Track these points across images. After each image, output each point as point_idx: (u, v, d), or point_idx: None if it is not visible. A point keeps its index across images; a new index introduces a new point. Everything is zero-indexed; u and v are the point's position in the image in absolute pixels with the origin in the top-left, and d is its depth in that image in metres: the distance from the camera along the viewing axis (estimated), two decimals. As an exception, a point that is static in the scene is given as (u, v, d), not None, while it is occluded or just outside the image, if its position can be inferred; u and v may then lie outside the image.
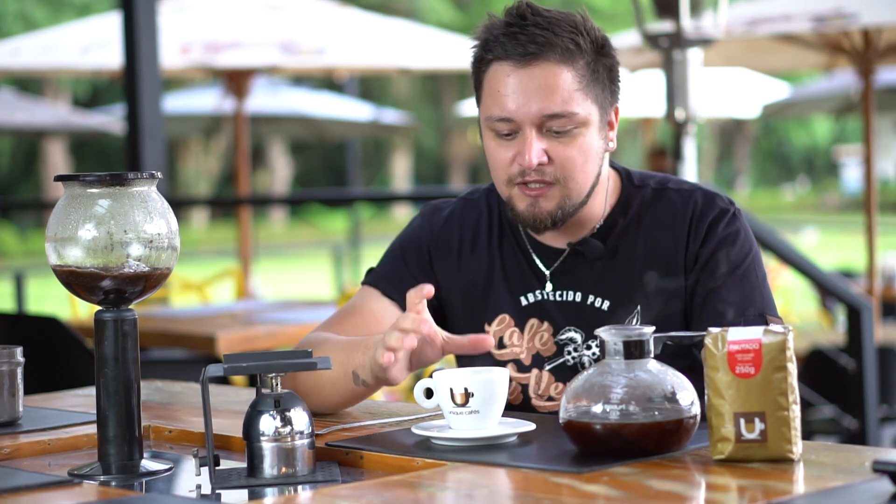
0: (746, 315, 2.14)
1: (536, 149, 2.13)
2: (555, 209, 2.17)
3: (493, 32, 2.16)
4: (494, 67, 2.16)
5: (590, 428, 1.77)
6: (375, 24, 8.22)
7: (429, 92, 31.33)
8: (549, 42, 2.12)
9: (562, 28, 2.13)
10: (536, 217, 2.17)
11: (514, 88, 2.13)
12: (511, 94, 2.13)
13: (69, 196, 1.91)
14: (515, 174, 2.16)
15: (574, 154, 2.15)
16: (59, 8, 22.94)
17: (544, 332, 2.25)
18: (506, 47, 2.13)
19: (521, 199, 2.17)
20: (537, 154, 2.13)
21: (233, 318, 5.04)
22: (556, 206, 2.17)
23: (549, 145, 2.14)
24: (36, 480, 1.82)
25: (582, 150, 2.15)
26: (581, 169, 2.16)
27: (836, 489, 1.61)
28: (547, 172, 2.15)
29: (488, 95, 2.17)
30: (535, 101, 2.12)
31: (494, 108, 2.15)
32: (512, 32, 2.13)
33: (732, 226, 2.21)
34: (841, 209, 32.17)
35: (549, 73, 2.12)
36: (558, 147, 2.14)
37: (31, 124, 12.12)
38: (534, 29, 2.13)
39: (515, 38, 2.13)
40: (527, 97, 2.13)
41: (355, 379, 2.10)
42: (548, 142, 2.14)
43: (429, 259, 2.33)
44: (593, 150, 2.17)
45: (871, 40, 6.23)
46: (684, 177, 4.54)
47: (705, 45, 4.59)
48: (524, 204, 2.17)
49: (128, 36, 5.29)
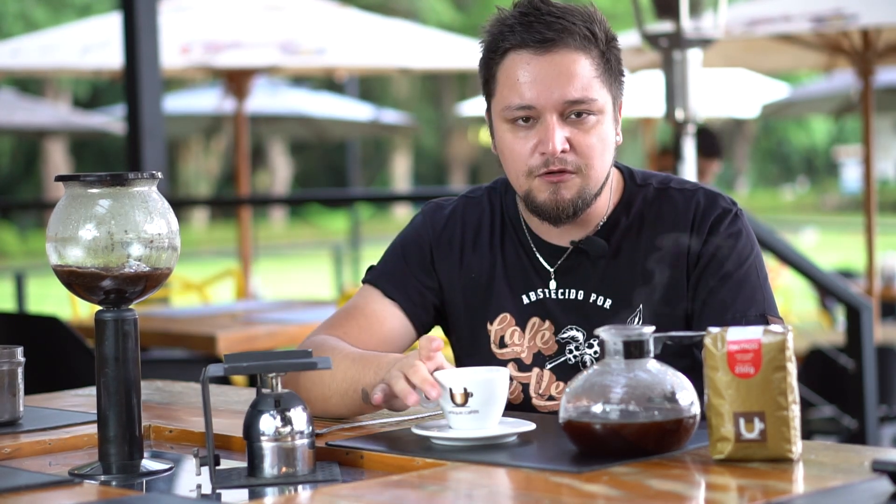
0: (748, 315, 2.15)
1: (560, 136, 2.13)
2: (575, 197, 2.16)
3: (507, 23, 2.15)
4: (511, 57, 2.15)
5: (590, 428, 1.77)
6: (375, 24, 8.22)
7: (429, 92, 31.32)
8: (566, 29, 2.12)
9: (577, 17, 2.14)
10: (559, 205, 2.16)
11: (534, 76, 2.13)
12: (531, 81, 2.13)
13: (70, 196, 1.92)
14: (537, 165, 2.15)
15: (594, 141, 2.15)
16: (60, 8, 22.94)
17: (546, 330, 2.25)
18: (522, 36, 2.13)
19: (542, 189, 2.16)
20: (561, 141, 2.13)
21: (233, 318, 5.04)
22: (577, 194, 2.16)
23: (571, 133, 2.14)
24: (36, 480, 1.82)
25: (601, 137, 2.16)
26: (600, 157, 2.16)
27: (835, 489, 1.61)
28: (569, 161, 2.14)
29: (505, 85, 2.16)
30: (555, 87, 2.12)
31: (513, 97, 2.15)
32: (528, 21, 2.13)
33: (734, 226, 2.21)
34: (840, 209, 32.18)
35: (569, 59, 2.12)
36: (579, 135, 2.14)
37: (32, 124, 12.12)
38: (549, 17, 2.13)
39: (532, 27, 2.13)
40: (547, 84, 2.12)
41: (364, 397, 2.09)
42: (569, 129, 2.14)
43: (430, 257, 2.33)
44: (609, 139, 2.18)
45: (871, 41, 6.23)
46: (684, 177, 4.54)
47: (705, 45, 4.59)
48: (545, 194, 2.16)
49: (128, 36, 5.29)
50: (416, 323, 2.31)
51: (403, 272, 2.32)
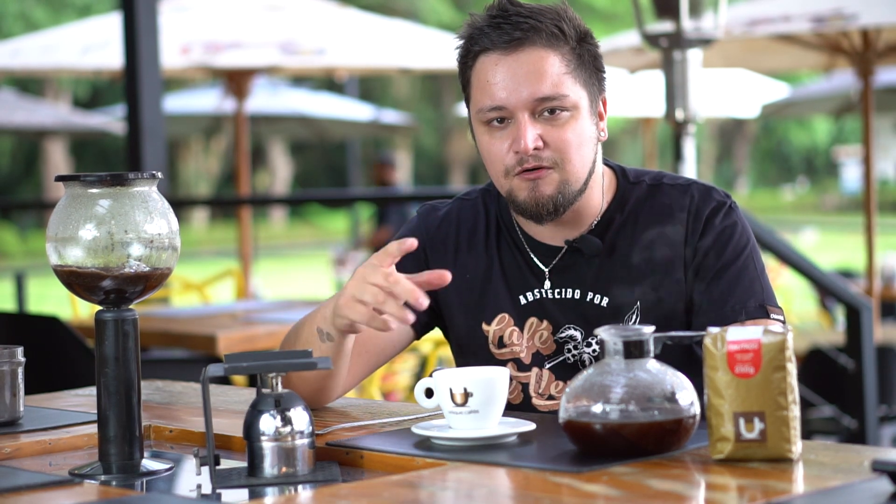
0: (747, 306, 2.15)
1: (531, 133, 2.14)
2: (555, 193, 2.17)
3: (476, 26, 2.18)
4: (481, 59, 2.17)
5: (590, 428, 1.77)
6: (375, 25, 8.22)
7: (429, 92, 31.32)
8: (533, 28, 2.14)
9: (545, 15, 2.16)
10: (539, 202, 2.17)
11: (503, 76, 2.14)
12: (500, 82, 2.14)
13: (70, 196, 1.92)
14: (512, 164, 2.17)
15: (568, 136, 2.16)
16: (60, 8, 22.94)
17: (544, 330, 2.25)
18: (491, 38, 2.15)
19: (521, 188, 2.17)
20: (532, 138, 2.14)
21: (233, 318, 5.04)
22: (556, 190, 2.17)
23: (543, 129, 2.15)
24: (36, 480, 1.82)
25: (576, 132, 2.16)
26: (577, 152, 2.17)
27: (835, 489, 1.61)
28: (544, 157, 2.15)
29: (477, 88, 2.18)
30: (525, 86, 2.13)
31: (485, 99, 2.16)
32: (496, 23, 2.16)
33: (730, 218, 2.22)
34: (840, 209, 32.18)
35: (537, 57, 2.14)
36: (552, 131, 2.15)
37: (32, 124, 12.12)
38: (517, 18, 2.15)
39: (500, 28, 2.15)
40: (516, 83, 2.14)
41: (321, 335, 2.11)
42: (541, 126, 2.15)
43: (425, 258, 2.33)
44: (586, 134, 2.18)
45: (871, 41, 6.23)
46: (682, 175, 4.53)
47: (705, 45, 4.59)
48: (525, 192, 2.17)
49: (128, 36, 5.29)
50: (412, 323, 2.30)
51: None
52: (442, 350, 4.77)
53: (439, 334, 2.43)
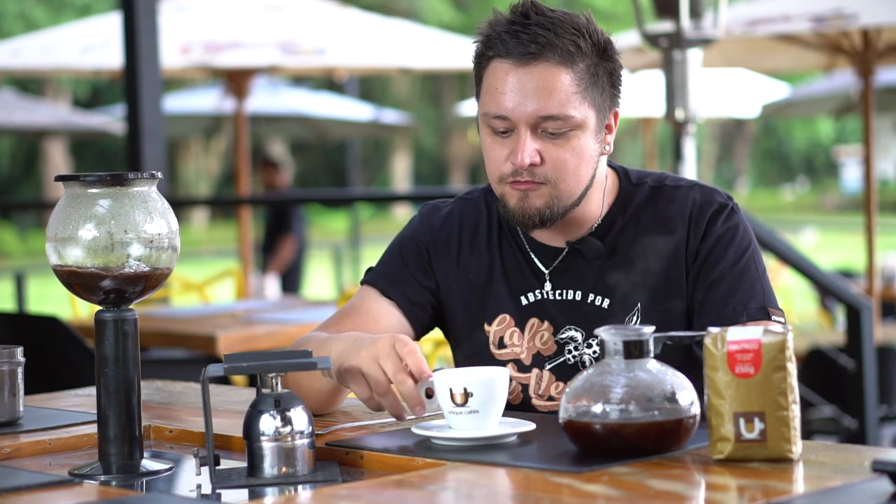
0: (748, 308, 2.15)
1: (529, 149, 2.14)
2: (543, 207, 2.17)
3: (496, 29, 2.16)
4: (494, 64, 2.16)
5: (590, 428, 1.77)
6: (375, 24, 8.22)
7: (429, 92, 31.32)
8: (549, 43, 2.12)
9: (564, 29, 2.13)
10: (525, 213, 2.18)
11: (512, 87, 2.14)
12: (509, 92, 2.14)
13: (70, 196, 1.92)
14: (507, 173, 2.17)
15: (567, 156, 2.15)
16: (60, 8, 22.94)
17: (544, 331, 2.25)
18: (507, 45, 2.14)
19: (512, 195, 2.18)
20: (530, 154, 2.14)
21: (233, 318, 5.04)
22: (545, 204, 2.17)
23: (543, 146, 2.15)
24: (36, 480, 1.82)
25: (575, 152, 2.16)
26: (573, 172, 2.17)
27: (835, 489, 1.61)
28: (537, 173, 2.16)
29: (487, 92, 2.18)
30: (531, 101, 2.13)
31: (491, 105, 2.16)
32: (514, 31, 2.14)
33: (731, 220, 2.22)
34: (840, 209, 32.18)
35: (548, 73, 2.13)
36: (552, 148, 2.15)
37: (32, 124, 12.11)
38: (536, 28, 2.13)
39: (517, 37, 2.13)
40: (524, 97, 2.13)
41: (325, 371, 2.10)
42: (541, 143, 2.15)
43: (427, 258, 2.33)
44: (587, 153, 2.18)
45: (871, 41, 6.23)
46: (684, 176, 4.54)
47: (705, 45, 4.59)
48: (514, 201, 2.18)
49: (128, 36, 5.29)
50: (413, 322, 2.31)
51: (401, 272, 2.32)
52: (442, 350, 4.76)
53: (439, 334, 2.43)
